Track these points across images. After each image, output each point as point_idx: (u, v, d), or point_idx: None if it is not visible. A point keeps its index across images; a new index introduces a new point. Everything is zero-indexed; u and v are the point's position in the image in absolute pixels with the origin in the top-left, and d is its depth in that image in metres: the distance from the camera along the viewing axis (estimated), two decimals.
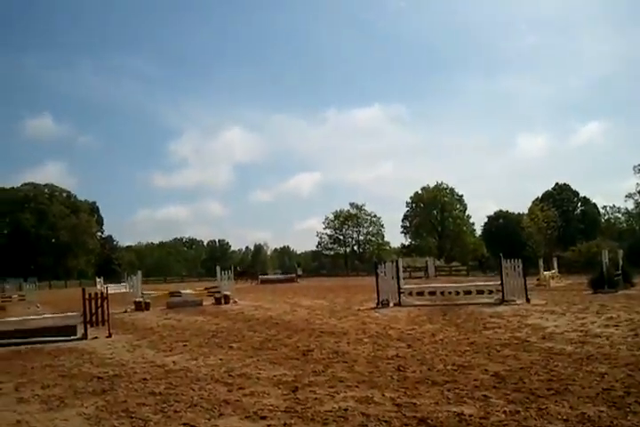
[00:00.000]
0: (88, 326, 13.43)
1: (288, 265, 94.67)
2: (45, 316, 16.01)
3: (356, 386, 6.78)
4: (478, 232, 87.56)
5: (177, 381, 7.65)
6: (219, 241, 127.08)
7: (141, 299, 22.37)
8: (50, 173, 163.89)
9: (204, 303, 23.01)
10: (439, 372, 7.40)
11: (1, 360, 10.45)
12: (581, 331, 10.62)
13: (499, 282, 17.83)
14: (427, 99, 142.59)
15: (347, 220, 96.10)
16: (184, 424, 5.43)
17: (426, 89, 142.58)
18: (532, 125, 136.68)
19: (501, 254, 18.71)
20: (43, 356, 10.73)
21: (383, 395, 6.24)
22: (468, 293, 18.42)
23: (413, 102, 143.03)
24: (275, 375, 7.70)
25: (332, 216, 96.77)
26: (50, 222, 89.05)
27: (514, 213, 79.20)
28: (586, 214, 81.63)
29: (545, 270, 28.84)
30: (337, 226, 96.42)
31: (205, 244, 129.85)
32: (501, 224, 75.98)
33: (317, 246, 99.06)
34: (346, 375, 7.45)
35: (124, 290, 27.61)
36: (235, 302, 23.51)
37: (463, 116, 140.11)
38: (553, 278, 28.18)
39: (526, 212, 77.40)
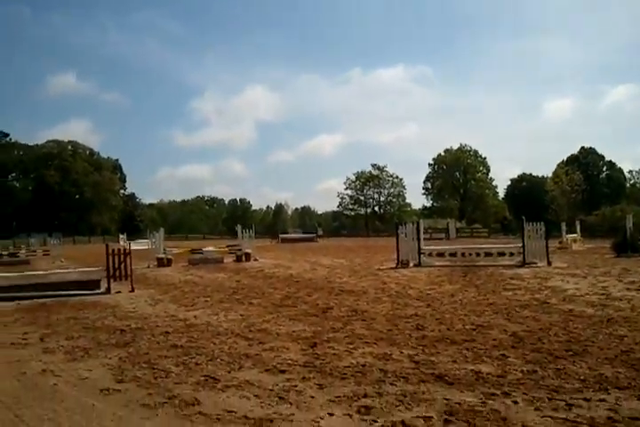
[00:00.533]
0: (111, 280, 13.65)
1: (308, 225, 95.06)
2: (69, 270, 16.32)
3: (375, 343, 6.83)
4: (501, 195, 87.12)
5: (198, 335, 7.78)
6: (240, 200, 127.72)
7: (163, 255, 22.68)
8: (73, 131, 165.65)
9: (225, 261, 23.27)
10: (458, 331, 7.42)
11: (27, 312, 10.70)
12: (602, 294, 10.54)
13: (520, 244, 17.74)
14: (453, 59, 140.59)
15: (368, 181, 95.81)
16: (205, 376, 5.52)
17: (452, 49, 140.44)
18: (560, 88, 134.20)
19: (524, 217, 18.56)
20: (67, 309, 10.95)
21: (401, 352, 6.28)
22: (488, 254, 18.37)
23: (439, 63, 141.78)
24: (294, 331, 7.78)
25: (353, 177, 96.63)
26: (73, 179, 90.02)
27: (538, 177, 78.43)
28: (611, 179, 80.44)
29: (567, 234, 28.63)
30: (358, 187, 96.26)
31: (227, 202, 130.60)
32: (525, 187, 75.33)
33: (338, 207, 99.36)
34: (364, 333, 7.51)
35: (146, 247, 27.92)
36: (255, 259, 23.74)
37: (489, 78, 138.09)
38: (575, 242, 27.98)
39: (550, 175, 76.46)
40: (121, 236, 48.52)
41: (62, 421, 4.37)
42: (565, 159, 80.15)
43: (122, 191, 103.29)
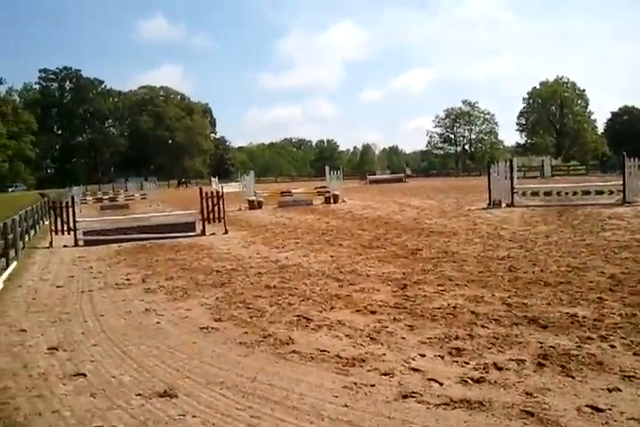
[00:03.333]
0: (206, 223, 14.13)
1: (397, 165, 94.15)
2: (166, 213, 17.00)
3: (466, 285, 6.78)
4: (600, 130, 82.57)
5: (290, 275, 7.99)
6: (327, 141, 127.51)
7: (254, 198, 23.19)
8: (165, 76, 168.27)
9: (314, 203, 23.52)
10: (552, 273, 7.24)
11: (128, 254, 11.31)
12: None
13: (621, 182, 16.86)
14: None
15: (458, 118, 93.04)
16: (298, 316, 5.69)
17: None
18: None
19: (625, 153, 17.55)
20: (165, 250, 11.49)
21: (493, 295, 6.21)
22: (586, 193, 17.60)
23: None
24: (384, 273, 7.84)
25: (442, 114, 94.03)
26: (166, 124, 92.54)
27: None
28: None
29: None
30: (448, 124, 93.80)
31: (314, 144, 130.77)
32: (627, 121, 71.08)
33: (427, 146, 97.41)
34: (455, 275, 7.46)
35: (237, 189, 28.60)
36: (343, 201, 23.85)
37: (586, 5, 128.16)
38: None
39: None
40: (213, 179, 49.78)
41: (165, 357, 4.65)
42: None
43: (212, 135, 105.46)
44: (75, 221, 13.49)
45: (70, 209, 13.65)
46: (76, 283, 8.34)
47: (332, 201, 23.43)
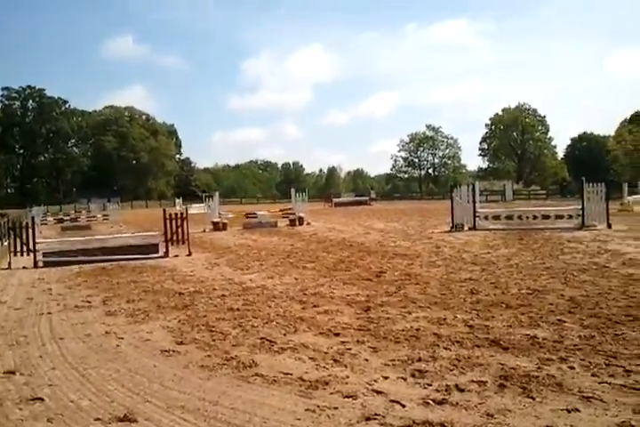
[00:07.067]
0: (169, 244, 13.99)
1: (361, 188, 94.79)
2: (129, 235, 16.80)
3: (429, 307, 6.83)
4: (560, 155, 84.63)
5: (254, 298, 7.93)
6: (293, 164, 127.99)
7: (219, 219, 23.07)
8: (130, 96, 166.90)
9: (279, 225, 23.51)
10: (513, 295, 7.34)
11: (89, 276, 11.11)
12: None
13: (579, 206, 17.27)
14: (515, 13, 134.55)
15: (422, 142, 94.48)
16: (261, 339, 5.65)
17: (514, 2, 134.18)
18: (628, 41, 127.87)
19: (584, 178, 18.00)
20: (127, 272, 11.32)
21: (455, 317, 6.27)
22: (546, 217, 17.96)
23: (497, 17, 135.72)
24: (348, 295, 7.85)
25: (407, 138, 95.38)
26: (130, 145, 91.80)
27: (599, 136, 75.59)
28: None
29: (629, 195, 27.70)
30: (412, 148, 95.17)
31: (280, 166, 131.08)
32: (585, 147, 72.94)
33: (391, 169, 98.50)
34: (418, 297, 7.52)
35: (202, 211, 28.44)
36: (308, 223, 23.90)
37: (553, 32, 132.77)
38: (637, 204, 27.06)
39: (613, 134, 73.61)
40: (177, 200, 49.47)
41: (125, 381, 4.56)
42: (629, 117, 76.89)
43: (177, 156, 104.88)
44: (34, 242, 13.22)
45: (30, 230, 13.38)
46: (35, 305, 8.14)
47: (297, 223, 23.45)
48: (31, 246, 13.19)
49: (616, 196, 26.17)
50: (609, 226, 16.42)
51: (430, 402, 3.82)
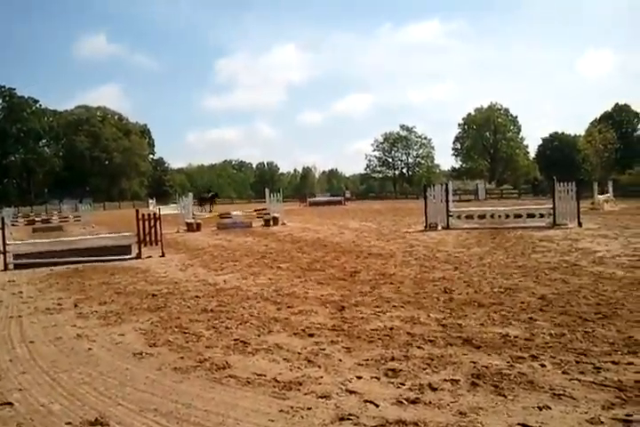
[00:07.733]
0: (142, 245, 13.87)
1: (336, 188, 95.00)
2: (101, 236, 16.61)
3: (402, 306, 6.86)
4: (532, 155, 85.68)
5: (228, 299, 7.90)
6: (267, 164, 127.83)
7: (193, 220, 22.92)
8: (102, 95, 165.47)
9: (254, 225, 23.45)
10: (485, 294, 7.41)
11: (60, 278, 10.95)
12: (633, 255, 10.38)
13: (550, 205, 17.51)
14: (488, 14, 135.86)
15: (396, 142, 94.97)
16: (235, 340, 5.62)
17: (487, 2, 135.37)
18: (599, 42, 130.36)
19: (555, 177, 18.26)
20: (99, 274, 11.19)
21: (429, 315, 6.31)
22: (518, 216, 18.17)
23: (470, 17, 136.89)
24: (322, 295, 7.85)
25: (381, 138, 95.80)
26: (103, 145, 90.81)
27: (570, 135, 76.64)
28: None
29: (599, 194, 28.13)
30: (386, 148, 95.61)
31: (255, 166, 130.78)
32: (556, 147, 73.89)
33: (366, 169, 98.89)
34: (392, 296, 7.55)
35: (176, 211, 28.23)
36: (283, 223, 23.86)
37: (526, 32, 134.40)
38: (607, 202, 27.51)
39: (583, 133, 74.74)
40: (150, 201, 49.00)
41: (97, 384, 4.50)
42: (599, 117, 78.15)
43: (151, 156, 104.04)
44: (5, 244, 13.00)
45: (0, 231, 13.16)
46: (5, 308, 8.01)
47: (271, 223, 23.40)
48: (1, 248, 12.97)
49: (587, 194, 26.54)
50: (580, 224, 16.68)
51: (404, 401, 3.83)
